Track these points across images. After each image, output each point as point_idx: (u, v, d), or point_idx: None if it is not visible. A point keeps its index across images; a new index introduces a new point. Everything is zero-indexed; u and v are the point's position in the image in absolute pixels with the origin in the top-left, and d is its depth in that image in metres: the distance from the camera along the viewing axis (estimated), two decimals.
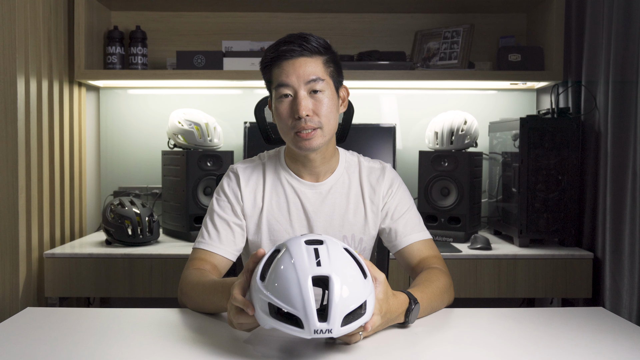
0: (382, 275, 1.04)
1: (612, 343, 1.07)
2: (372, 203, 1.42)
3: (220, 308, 1.18)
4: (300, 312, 0.89)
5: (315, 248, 0.94)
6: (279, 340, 1.06)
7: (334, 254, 0.94)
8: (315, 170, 1.39)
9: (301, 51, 1.28)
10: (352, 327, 0.93)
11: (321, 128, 1.29)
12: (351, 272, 0.94)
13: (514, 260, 2.08)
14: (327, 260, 0.92)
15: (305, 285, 0.89)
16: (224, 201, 1.40)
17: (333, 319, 0.89)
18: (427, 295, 1.20)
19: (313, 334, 0.89)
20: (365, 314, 0.94)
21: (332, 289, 0.90)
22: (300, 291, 0.89)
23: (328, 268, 0.91)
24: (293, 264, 0.92)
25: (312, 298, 0.89)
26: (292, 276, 0.91)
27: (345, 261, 0.95)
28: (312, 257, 0.92)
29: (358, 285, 0.94)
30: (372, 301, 0.96)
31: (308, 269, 0.91)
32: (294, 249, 0.94)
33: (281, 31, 2.62)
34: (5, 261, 1.97)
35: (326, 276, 0.91)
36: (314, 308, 0.89)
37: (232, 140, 2.65)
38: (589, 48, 2.16)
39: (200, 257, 1.35)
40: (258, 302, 0.94)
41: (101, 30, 2.53)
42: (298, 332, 0.90)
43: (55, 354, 1.00)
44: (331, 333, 0.90)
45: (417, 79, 2.38)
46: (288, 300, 0.90)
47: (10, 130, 1.96)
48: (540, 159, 2.15)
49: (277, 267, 0.93)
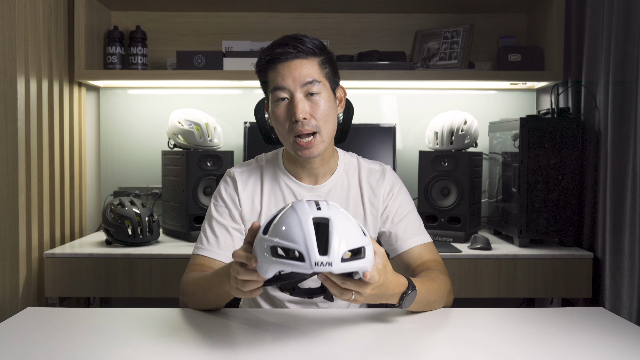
0: (382, 249, 1.05)
1: (612, 343, 1.07)
2: (372, 206, 1.41)
3: (223, 294, 1.18)
4: (301, 247, 0.92)
5: (316, 201, 0.99)
6: (279, 340, 1.06)
7: (334, 207, 0.99)
8: (314, 172, 1.39)
9: (296, 53, 1.27)
10: (352, 266, 0.95)
11: (319, 133, 1.29)
12: (350, 222, 0.99)
13: (514, 260, 2.08)
14: (327, 208, 0.97)
15: (307, 223, 0.94)
16: (221, 206, 1.39)
17: (333, 253, 0.92)
18: (426, 288, 1.21)
19: (314, 267, 0.92)
20: (365, 259, 0.97)
21: (331, 227, 0.94)
22: (301, 228, 0.93)
23: (328, 212, 0.96)
24: (295, 211, 0.96)
25: (313, 233, 0.93)
26: (294, 219, 0.95)
27: (344, 214, 0.99)
28: (313, 206, 0.97)
29: (357, 232, 0.98)
30: (372, 253, 0.99)
31: (309, 212, 0.96)
32: (296, 203, 0.99)
33: (281, 31, 2.60)
34: (5, 261, 1.97)
35: (326, 218, 0.95)
36: (314, 242, 0.92)
37: (232, 140, 2.65)
38: (589, 48, 2.16)
39: (199, 262, 1.35)
40: (260, 250, 0.96)
41: (101, 30, 2.53)
42: (299, 267, 0.92)
43: (55, 354, 1.00)
44: (331, 266, 0.92)
45: (417, 79, 2.38)
46: (290, 238, 0.93)
47: (10, 130, 1.96)
48: (540, 159, 2.15)
49: (280, 217, 0.98)
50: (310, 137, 1.28)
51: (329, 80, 1.32)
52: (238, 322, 1.18)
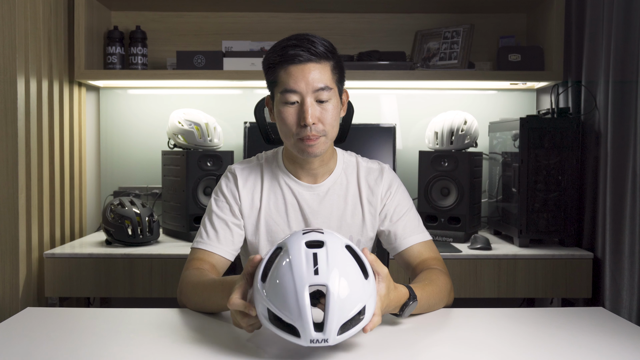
0: (385, 270, 1.04)
1: (612, 343, 1.07)
2: (370, 205, 1.41)
3: (221, 307, 1.18)
4: (296, 322, 0.90)
5: (314, 253, 0.94)
6: (279, 340, 1.06)
7: (333, 258, 0.94)
8: (314, 172, 1.39)
9: (309, 56, 1.25)
10: (350, 334, 0.93)
11: (325, 136, 1.29)
12: (351, 276, 0.94)
13: (514, 260, 2.08)
14: (326, 267, 0.92)
15: (302, 295, 0.90)
16: (222, 201, 1.40)
17: (329, 329, 0.90)
18: (427, 293, 1.21)
19: (309, 343, 0.90)
20: (364, 319, 0.95)
21: (328, 299, 0.90)
22: (297, 301, 0.90)
23: (326, 276, 0.91)
24: (291, 271, 0.92)
25: (308, 308, 0.90)
26: (289, 284, 0.91)
27: (345, 265, 0.94)
28: (311, 264, 0.92)
29: (358, 290, 0.93)
30: (373, 303, 0.96)
31: (305, 278, 0.91)
32: (293, 253, 0.94)
33: (281, 31, 2.62)
34: (5, 261, 1.97)
35: (324, 284, 0.91)
36: (310, 318, 0.90)
37: (232, 140, 2.65)
38: (589, 48, 2.16)
39: (199, 257, 1.35)
40: (259, 305, 0.95)
41: (101, 30, 2.53)
42: (295, 340, 0.91)
43: (55, 354, 1.00)
44: (327, 342, 0.90)
45: (417, 79, 2.38)
46: (285, 308, 0.91)
47: (10, 130, 1.96)
48: (540, 159, 2.15)
49: (276, 271, 0.94)
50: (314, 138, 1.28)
51: (338, 85, 1.32)
52: None
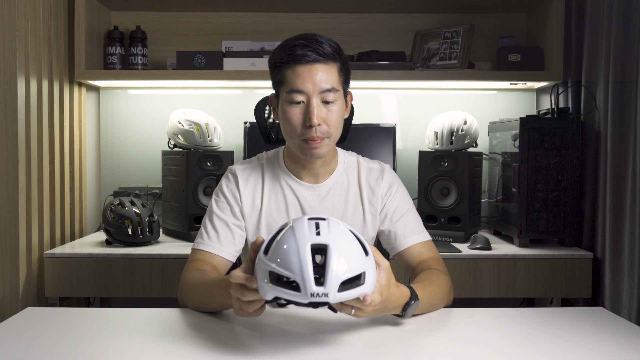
0: (386, 263, 1.04)
1: (612, 343, 1.07)
2: (371, 204, 1.42)
3: (223, 305, 1.18)
4: (297, 277, 0.91)
5: (316, 222, 0.97)
6: (280, 340, 1.06)
7: (335, 228, 0.97)
8: (315, 172, 1.39)
9: (317, 57, 1.25)
10: (349, 295, 0.94)
11: (329, 137, 1.29)
12: (351, 245, 0.96)
13: (513, 260, 2.08)
14: (327, 232, 0.95)
15: (304, 251, 0.92)
16: (222, 202, 1.40)
17: (329, 284, 0.91)
18: (428, 294, 1.21)
19: (310, 298, 0.91)
20: (364, 285, 0.95)
21: (329, 255, 0.92)
22: (298, 257, 0.92)
23: (327, 237, 0.94)
24: (294, 235, 0.95)
25: (310, 263, 0.91)
26: (292, 244, 0.94)
27: (346, 235, 0.97)
28: (313, 229, 0.95)
29: (357, 257, 0.96)
30: (373, 276, 0.97)
31: (307, 237, 0.94)
32: (296, 224, 0.97)
33: (281, 31, 2.62)
34: (5, 261, 1.97)
35: (325, 244, 0.93)
36: (311, 272, 0.91)
37: (232, 140, 2.65)
38: (589, 48, 2.16)
39: (199, 258, 1.35)
40: (260, 273, 0.96)
41: (101, 30, 2.53)
42: (296, 297, 0.92)
43: (55, 354, 1.00)
44: (327, 297, 0.91)
45: (417, 79, 2.38)
46: (287, 266, 0.92)
47: (10, 130, 1.96)
48: (540, 159, 2.15)
49: (280, 239, 0.96)
50: (319, 140, 1.28)
51: (344, 87, 1.33)
52: (238, 322, 1.18)
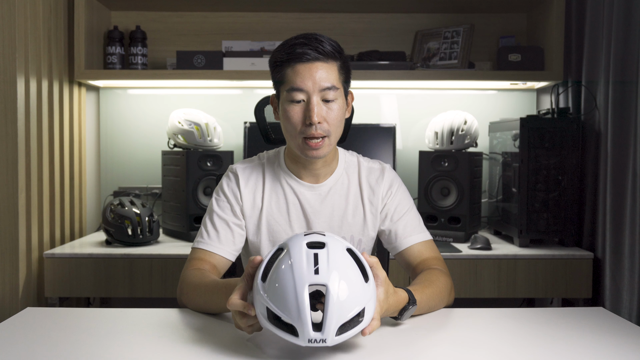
0: (384, 274, 1.04)
1: (612, 343, 1.07)
2: (371, 204, 1.41)
3: (223, 308, 1.18)
4: (295, 321, 0.90)
5: (315, 253, 0.94)
6: (279, 341, 1.06)
7: (334, 259, 0.94)
8: (316, 172, 1.39)
9: (317, 55, 1.26)
10: (348, 336, 0.93)
11: (329, 137, 1.29)
12: (351, 279, 0.94)
13: (514, 260, 2.08)
14: (326, 267, 0.92)
15: (302, 294, 0.90)
16: (223, 201, 1.40)
17: (328, 330, 0.90)
18: (427, 296, 1.21)
19: (307, 343, 0.90)
20: (363, 321, 0.94)
21: (328, 299, 0.90)
22: (296, 300, 0.90)
23: (326, 276, 0.91)
24: (292, 270, 0.92)
25: (307, 307, 0.90)
26: (289, 283, 0.91)
27: (345, 266, 0.94)
28: (311, 264, 0.92)
29: (357, 292, 0.93)
30: (372, 306, 0.96)
31: (306, 277, 0.91)
32: (294, 253, 0.94)
33: (281, 31, 2.63)
34: (5, 261, 1.97)
35: (323, 284, 0.91)
36: (309, 318, 0.89)
37: (232, 140, 2.65)
38: (589, 48, 2.16)
39: (199, 257, 1.35)
40: (258, 305, 0.95)
41: (101, 30, 2.53)
42: (293, 340, 0.91)
43: (55, 354, 1.00)
44: (325, 343, 0.90)
45: (417, 79, 2.38)
46: (284, 307, 0.91)
47: (10, 130, 1.96)
48: (540, 159, 2.15)
49: (277, 270, 0.94)
50: (320, 140, 1.28)
51: (344, 86, 1.33)
52: None
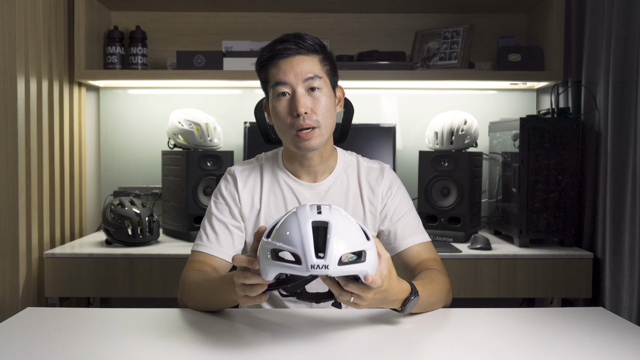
0: (387, 254, 1.05)
1: (612, 343, 1.07)
2: (371, 204, 1.42)
3: (226, 301, 1.18)
4: (299, 250, 0.93)
5: (318, 205, 0.99)
6: (279, 339, 1.06)
7: (336, 210, 0.99)
8: (313, 170, 1.39)
9: (297, 49, 1.29)
10: (350, 270, 0.95)
11: (319, 127, 1.30)
12: (352, 226, 0.98)
13: (514, 260, 2.08)
14: (329, 212, 0.97)
15: (305, 227, 0.94)
16: (221, 204, 1.40)
17: (330, 256, 0.92)
18: (428, 292, 1.21)
19: (310, 270, 0.92)
20: (365, 264, 0.96)
21: (330, 231, 0.94)
22: (299, 232, 0.94)
23: (328, 216, 0.96)
24: (296, 215, 0.97)
25: (311, 237, 0.94)
26: (294, 222, 0.96)
27: (347, 218, 0.99)
28: (314, 210, 0.98)
29: (358, 237, 0.97)
30: (374, 257, 0.99)
31: (309, 216, 0.96)
32: (299, 207, 1.00)
33: (281, 31, 2.58)
34: (5, 261, 1.97)
35: (326, 221, 0.95)
36: (311, 245, 0.93)
37: (232, 140, 2.65)
38: (589, 48, 2.16)
39: (199, 259, 1.35)
40: (262, 253, 0.97)
41: (101, 30, 2.53)
42: (297, 270, 0.93)
43: (55, 354, 1.00)
44: (327, 269, 0.92)
45: (417, 79, 2.38)
46: (288, 241, 0.94)
47: (10, 130, 1.96)
48: (540, 159, 2.15)
49: (282, 222, 0.99)
50: (309, 130, 1.29)
51: (329, 77, 1.34)
52: (238, 322, 1.18)
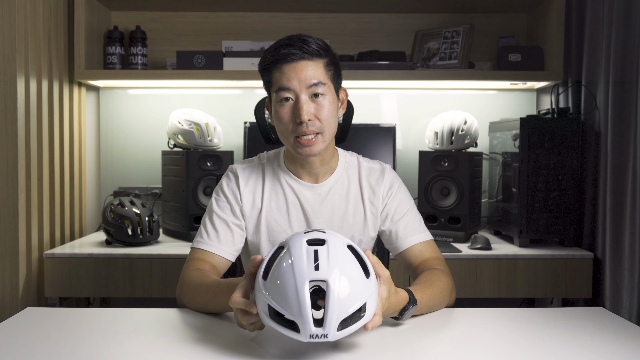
0: (387, 273, 1.04)
1: (612, 343, 1.07)
2: (372, 204, 1.41)
3: (225, 308, 1.18)
4: (296, 317, 0.90)
5: (315, 250, 0.94)
6: (280, 340, 1.06)
7: (334, 255, 0.94)
8: (315, 172, 1.39)
9: (302, 54, 1.26)
10: (350, 331, 0.93)
11: (322, 133, 1.29)
12: (352, 274, 0.93)
13: (514, 260, 2.08)
14: (326, 263, 0.92)
15: (302, 290, 0.90)
16: (223, 201, 1.40)
17: (329, 325, 0.90)
18: (427, 296, 1.21)
19: (309, 339, 0.90)
20: (365, 316, 0.94)
21: (328, 294, 0.90)
22: (297, 296, 0.90)
23: (326, 272, 0.91)
24: (292, 268, 0.92)
25: (308, 303, 0.90)
26: (290, 280, 0.91)
27: (346, 262, 0.94)
28: (312, 260, 0.92)
29: (358, 287, 0.93)
30: (374, 302, 0.96)
31: (306, 274, 0.91)
32: (294, 250, 0.94)
33: (281, 31, 2.62)
34: (5, 261, 1.97)
35: (324, 280, 0.91)
36: (309, 313, 0.90)
37: (232, 140, 2.65)
38: (589, 48, 2.16)
39: (199, 257, 1.35)
40: (260, 303, 0.95)
41: (101, 30, 2.53)
42: (295, 336, 0.91)
43: (55, 354, 1.00)
44: (327, 338, 0.90)
45: (417, 79, 2.38)
46: (285, 304, 0.91)
47: (10, 130, 1.96)
48: (540, 159, 2.15)
49: (278, 268, 0.94)
50: (312, 136, 1.28)
51: (333, 82, 1.32)
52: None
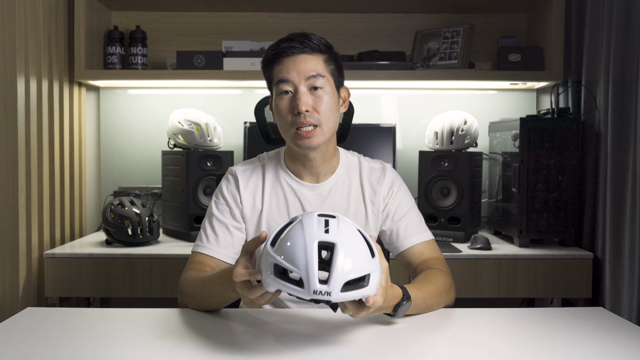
0: (386, 264, 1.05)
1: (612, 343, 1.07)
2: (373, 204, 1.41)
3: (224, 298, 1.18)
4: (302, 272, 0.92)
5: (326, 219, 0.97)
6: (279, 340, 1.06)
7: (344, 227, 0.97)
8: (316, 171, 1.39)
9: (302, 48, 1.28)
10: (352, 296, 0.94)
11: (320, 126, 1.29)
12: (358, 245, 0.97)
13: (514, 260, 2.08)
14: (336, 230, 0.95)
15: (310, 247, 0.92)
16: (222, 204, 1.39)
17: (333, 283, 0.92)
18: (423, 294, 1.20)
19: (312, 295, 0.91)
20: (368, 287, 0.96)
21: (335, 254, 0.93)
22: (304, 253, 0.92)
23: (335, 236, 0.94)
24: (302, 230, 0.95)
25: (315, 260, 0.92)
26: (299, 239, 0.94)
27: (354, 235, 0.97)
28: (322, 226, 0.96)
29: (363, 258, 0.96)
30: (377, 278, 0.98)
31: (315, 234, 0.94)
32: (306, 219, 0.98)
33: (281, 31, 2.62)
34: (5, 261, 1.97)
35: (332, 242, 0.93)
36: (316, 269, 0.91)
37: (232, 140, 2.65)
38: (589, 48, 2.16)
39: (199, 260, 1.35)
40: (265, 265, 0.96)
41: (101, 30, 2.53)
42: (298, 292, 0.92)
43: (55, 354, 1.00)
44: (330, 296, 0.92)
45: (417, 79, 2.38)
46: (292, 260, 0.93)
47: (10, 130, 1.96)
48: (540, 159, 2.15)
49: (288, 233, 0.97)
50: (310, 128, 1.28)
51: (334, 77, 1.33)
52: (238, 322, 1.18)
